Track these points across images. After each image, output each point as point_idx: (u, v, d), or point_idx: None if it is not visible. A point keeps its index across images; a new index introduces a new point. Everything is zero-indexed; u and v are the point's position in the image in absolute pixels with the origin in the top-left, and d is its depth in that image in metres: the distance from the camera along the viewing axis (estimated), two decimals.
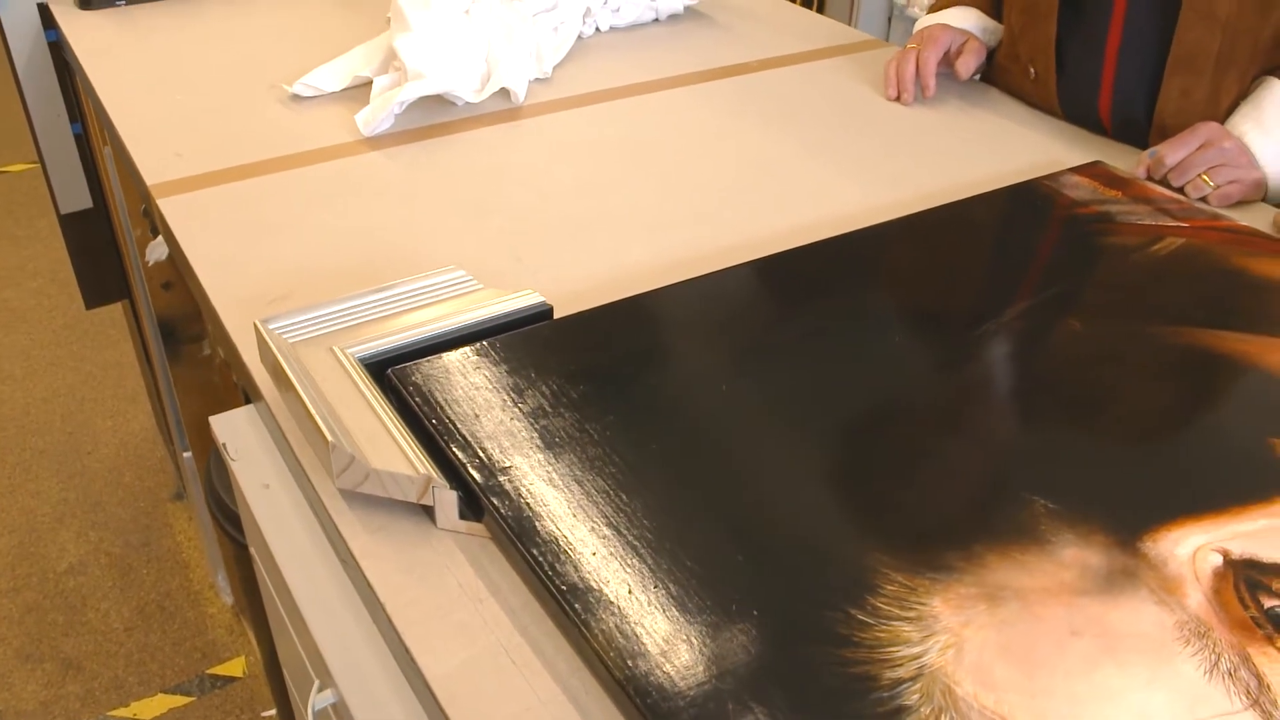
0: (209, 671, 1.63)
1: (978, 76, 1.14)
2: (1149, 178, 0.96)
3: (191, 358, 1.45)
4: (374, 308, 0.70)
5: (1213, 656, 0.50)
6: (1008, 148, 1.04)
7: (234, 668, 1.64)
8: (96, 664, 1.64)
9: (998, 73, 1.16)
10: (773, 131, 1.06)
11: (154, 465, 2.01)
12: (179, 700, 1.59)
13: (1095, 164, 0.97)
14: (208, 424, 0.76)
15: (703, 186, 0.95)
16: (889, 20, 2.95)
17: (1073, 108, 1.07)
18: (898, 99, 1.11)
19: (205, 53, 1.22)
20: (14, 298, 2.49)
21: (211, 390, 1.46)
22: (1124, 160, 1.00)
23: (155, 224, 0.98)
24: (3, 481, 1.97)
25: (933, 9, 1.17)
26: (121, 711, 1.57)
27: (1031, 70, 1.07)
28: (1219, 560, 0.55)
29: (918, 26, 1.17)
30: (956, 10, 1.13)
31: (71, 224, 1.54)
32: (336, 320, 0.68)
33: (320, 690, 0.62)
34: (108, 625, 1.70)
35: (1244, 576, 0.54)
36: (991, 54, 1.13)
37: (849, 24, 2.70)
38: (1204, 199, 0.94)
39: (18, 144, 3.11)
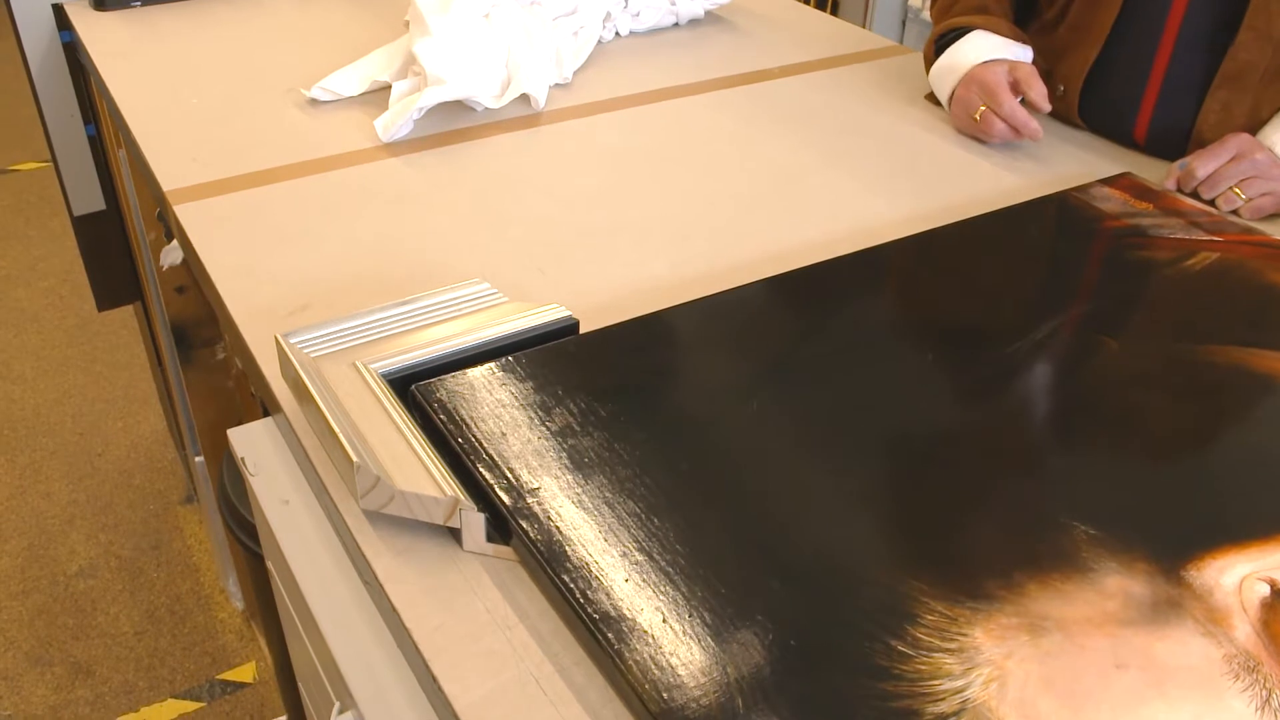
0: (219, 677, 1.62)
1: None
2: (1178, 190, 0.95)
3: (204, 362, 1.44)
4: (397, 321, 0.68)
5: (1263, 692, 0.48)
6: (1032, 158, 1.02)
7: (244, 673, 1.63)
8: (106, 668, 1.63)
9: None
10: (795, 140, 1.04)
11: (165, 468, 2.00)
12: (189, 706, 1.58)
13: (1124, 176, 0.96)
14: (220, 428, 0.75)
15: (725, 195, 0.94)
16: (903, 24, 2.94)
17: (1101, 124, 1.06)
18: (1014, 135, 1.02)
19: (222, 55, 1.21)
20: (25, 298, 2.48)
21: (225, 395, 1.45)
22: (1150, 171, 0.98)
23: (170, 229, 0.97)
24: (13, 483, 1.96)
25: (936, 39, 1.09)
26: (131, 717, 1.56)
27: (1060, 87, 1.06)
28: (1266, 590, 0.54)
29: (940, 76, 1.07)
30: (980, 39, 1.04)
31: (84, 226, 1.53)
32: (359, 334, 0.67)
33: (341, 712, 0.61)
34: (118, 629, 1.69)
35: None
36: None
37: (863, 26, 2.69)
38: (1235, 212, 0.92)
39: (28, 143, 3.11)
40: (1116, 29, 1.00)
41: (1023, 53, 1.04)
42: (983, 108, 1.02)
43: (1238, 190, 0.92)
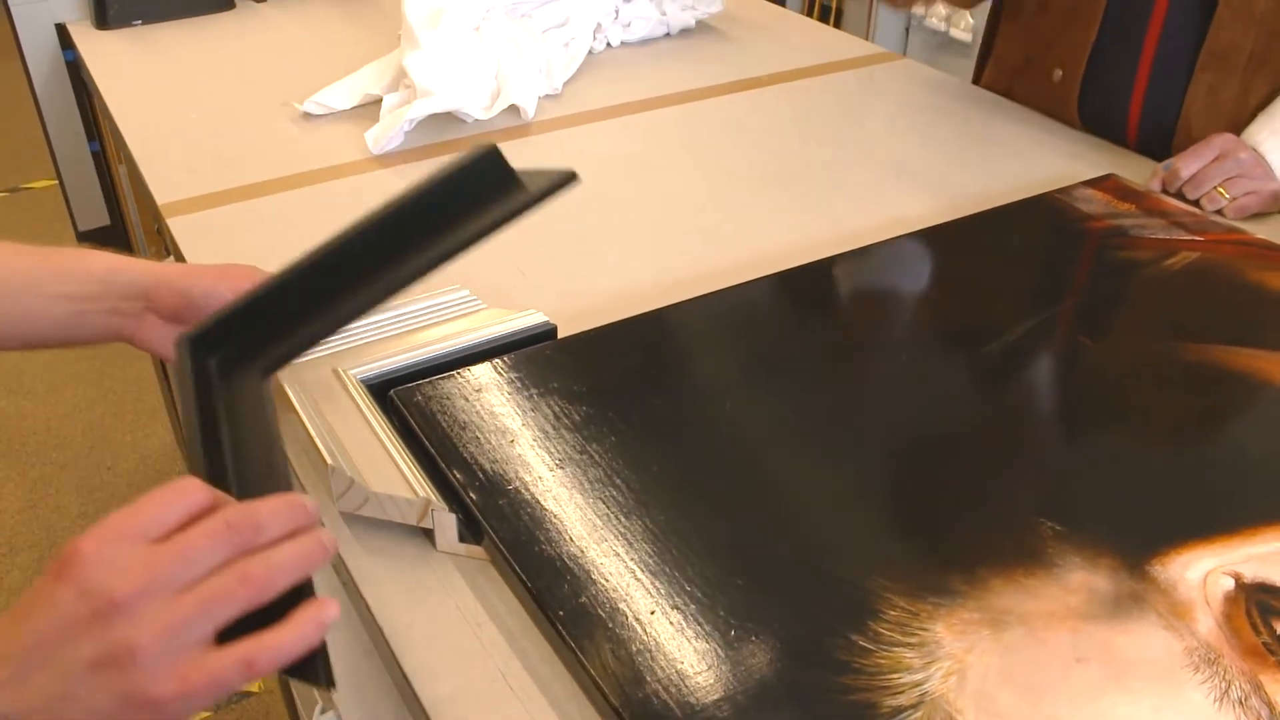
0: None
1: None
2: (1164, 190, 0.95)
3: None
4: (378, 328, 0.70)
5: (1223, 684, 0.49)
6: (1018, 161, 1.03)
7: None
8: None
9: (1007, 77, 1.14)
10: (783, 146, 1.05)
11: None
12: (195, 715, 1.59)
13: (1109, 177, 0.96)
14: None
15: (713, 202, 0.95)
16: (906, 31, 2.95)
17: (1096, 113, 1.06)
18: None
19: (219, 71, 1.23)
20: None
21: None
22: (1137, 172, 0.98)
23: (167, 243, 0.98)
24: (23, 496, 1.99)
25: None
26: None
27: (1057, 72, 1.06)
28: (1230, 584, 0.54)
29: None
30: None
31: (90, 241, 1.55)
32: (340, 341, 0.68)
33: (323, 712, 0.62)
34: None
35: (1256, 601, 0.53)
36: (992, 55, 1.11)
37: (866, 37, 2.70)
38: (1220, 211, 0.92)
39: (41, 161, 3.15)
40: (1108, 10, 1.01)
41: None
42: None
43: (1222, 190, 0.92)
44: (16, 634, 0.36)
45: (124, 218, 1.52)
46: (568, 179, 0.55)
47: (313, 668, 0.40)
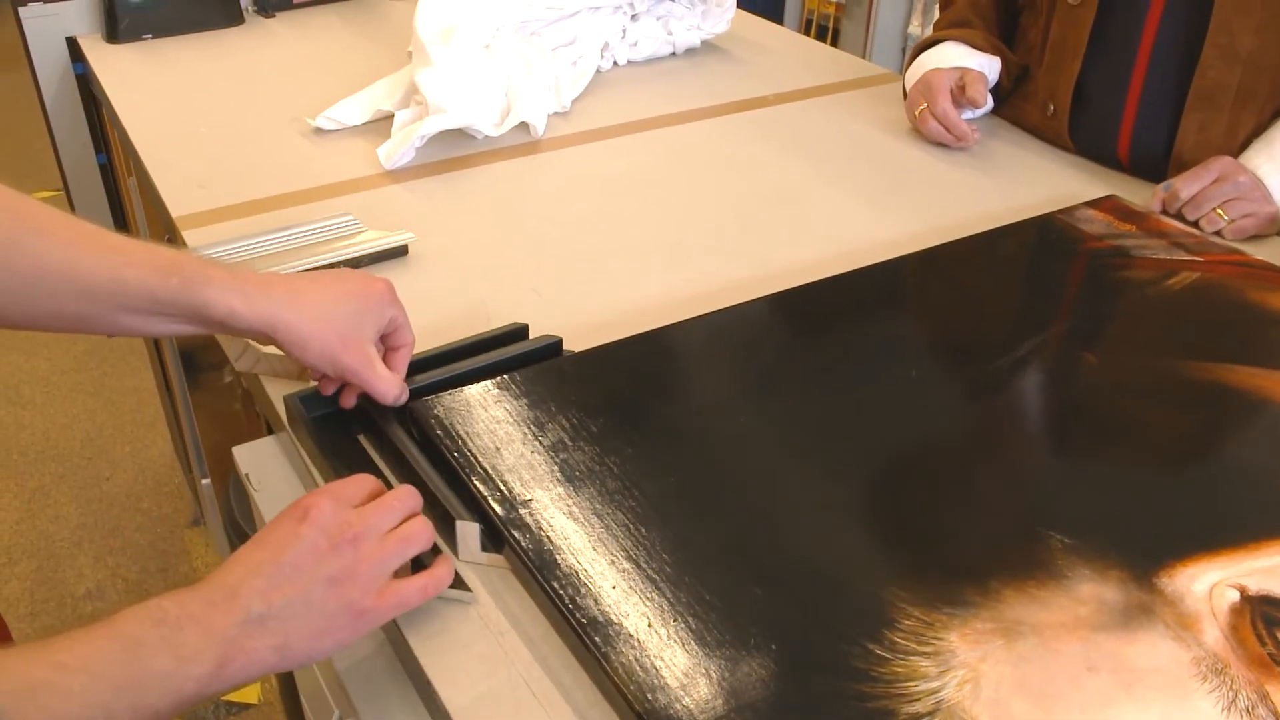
0: (225, 698, 1.63)
1: (990, 108, 1.15)
2: (1163, 211, 0.97)
3: (211, 385, 1.46)
4: (274, 243, 0.78)
5: (1230, 693, 0.50)
6: (1020, 181, 1.05)
7: (249, 694, 1.64)
8: None
9: (1009, 108, 1.17)
10: (789, 165, 1.07)
11: (172, 491, 2.03)
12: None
13: (1109, 198, 0.98)
14: (227, 451, 0.77)
15: (720, 219, 0.96)
16: (903, 51, 2.98)
17: (1089, 143, 1.08)
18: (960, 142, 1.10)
19: (230, 86, 1.24)
20: None
21: (231, 417, 1.48)
22: (1137, 194, 1.00)
23: None
24: (22, 506, 1.99)
25: (916, 49, 1.17)
26: None
27: (1050, 106, 1.08)
28: (1236, 596, 0.55)
29: (909, 79, 1.15)
30: (947, 48, 1.12)
31: None
32: (245, 252, 0.75)
33: None
34: None
35: (1261, 613, 0.54)
36: (998, 87, 1.14)
37: (864, 56, 2.72)
38: (1218, 233, 0.94)
39: (40, 172, 3.15)
40: (1091, 46, 1.03)
41: (987, 63, 1.09)
42: (923, 106, 1.09)
43: (1221, 211, 0.94)
44: (271, 557, 0.50)
45: (131, 229, 1.53)
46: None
47: (459, 584, 0.57)
